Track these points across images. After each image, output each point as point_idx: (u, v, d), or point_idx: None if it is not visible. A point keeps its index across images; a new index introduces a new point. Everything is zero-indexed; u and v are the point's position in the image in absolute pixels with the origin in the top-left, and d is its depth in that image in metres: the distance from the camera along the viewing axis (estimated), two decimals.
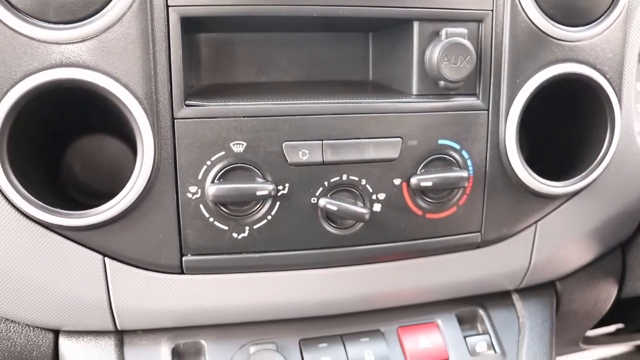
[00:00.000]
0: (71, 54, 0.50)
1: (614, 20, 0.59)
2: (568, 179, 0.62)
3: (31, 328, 0.63)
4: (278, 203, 0.57)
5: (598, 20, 0.59)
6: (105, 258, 0.57)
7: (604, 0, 0.59)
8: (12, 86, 0.50)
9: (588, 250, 0.70)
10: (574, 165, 0.63)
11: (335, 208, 0.57)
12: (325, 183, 0.57)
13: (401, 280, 0.64)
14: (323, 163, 0.57)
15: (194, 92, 0.58)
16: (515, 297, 0.72)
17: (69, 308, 0.59)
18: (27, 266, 0.57)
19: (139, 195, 0.54)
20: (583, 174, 0.62)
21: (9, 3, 0.49)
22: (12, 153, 0.52)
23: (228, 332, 0.64)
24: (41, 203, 0.53)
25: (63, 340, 0.63)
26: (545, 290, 0.73)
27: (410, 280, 0.64)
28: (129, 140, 0.64)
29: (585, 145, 0.63)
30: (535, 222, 0.65)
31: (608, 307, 0.79)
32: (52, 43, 0.50)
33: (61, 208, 0.53)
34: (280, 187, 0.56)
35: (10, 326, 0.62)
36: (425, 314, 0.68)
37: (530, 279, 0.69)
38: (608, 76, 0.60)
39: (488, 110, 0.60)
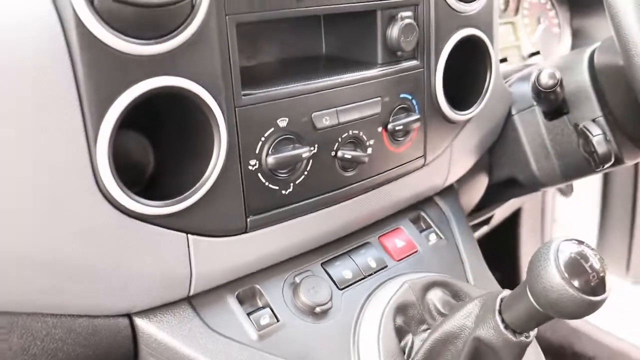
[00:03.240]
0: (162, 65, 0.63)
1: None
2: (468, 108, 0.95)
3: (111, 317, 0.73)
4: (311, 161, 0.78)
5: None
6: (188, 235, 0.71)
7: None
8: (118, 95, 0.61)
9: (474, 155, 1.06)
10: (468, 98, 0.96)
11: (350, 156, 0.80)
12: (339, 139, 0.80)
13: (377, 201, 0.91)
14: (338, 124, 0.79)
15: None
16: (436, 199, 1.05)
17: (153, 288, 0.72)
18: (121, 258, 0.68)
19: (218, 177, 0.69)
20: (477, 102, 0.95)
21: (112, 27, 0.58)
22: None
23: (271, 272, 0.84)
24: (139, 198, 0.65)
25: (139, 320, 0.74)
26: (450, 190, 1.07)
27: (382, 200, 0.92)
28: (148, 133, 0.76)
29: (475, 84, 0.96)
30: (451, 143, 0.98)
31: (482, 192, 1.19)
32: (147, 56, 0.61)
33: None
34: (312, 148, 0.77)
35: (93, 322, 0.72)
36: (390, 224, 0.97)
37: (445, 184, 1.02)
38: (487, 34, 0.93)
39: (424, 68, 0.88)
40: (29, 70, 0.58)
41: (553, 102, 1.00)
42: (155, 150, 0.76)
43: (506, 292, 0.70)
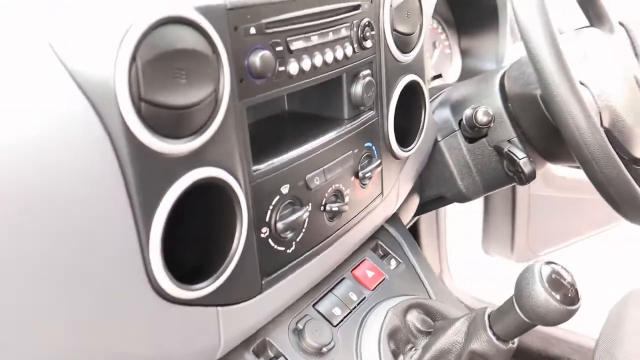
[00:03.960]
0: (196, 158, 0.68)
1: (420, 47, 1.06)
2: (409, 144, 1.09)
3: None
4: (307, 219, 0.87)
5: (414, 48, 1.05)
6: (218, 307, 0.77)
7: (415, 37, 1.04)
8: (165, 193, 0.65)
9: (412, 181, 1.21)
10: (407, 135, 1.10)
11: (337, 208, 0.90)
12: (326, 194, 0.90)
13: (350, 240, 1.02)
14: (326, 181, 0.88)
15: None
16: (386, 225, 1.18)
17: None
18: (162, 341, 0.72)
19: (241, 254, 0.76)
20: (417, 138, 1.10)
21: (155, 132, 0.63)
22: None
23: (274, 322, 0.91)
24: (185, 285, 0.70)
25: None
26: (395, 216, 1.21)
27: (354, 238, 1.03)
28: None
29: (412, 122, 1.11)
30: (399, 176, 1.11)
31: (415, 210, 1.34)
32: (184, 153, 0.66)
33: None
34: (307, 208, 0.86)
35: None
36: (357, 257, 1.08)
37: (394, 211, 1.16)
38: (421, 79, 1.08)
39: (379, 117, 1.01)
40: (85, 179, 0.60)
41: (483, 133, 1.18)
42: None
43: (490, 310, 0.86)
